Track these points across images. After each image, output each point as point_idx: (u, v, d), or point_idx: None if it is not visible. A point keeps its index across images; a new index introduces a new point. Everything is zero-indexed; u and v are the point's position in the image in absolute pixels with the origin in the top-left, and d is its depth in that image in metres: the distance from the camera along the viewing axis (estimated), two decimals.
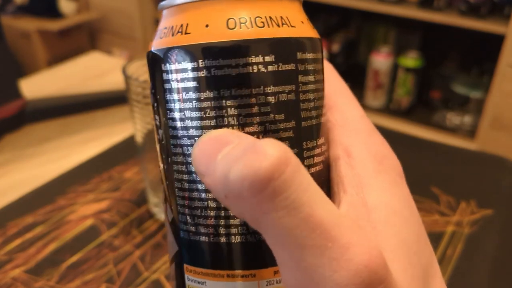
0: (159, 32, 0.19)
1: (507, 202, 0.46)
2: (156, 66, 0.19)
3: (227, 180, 0.14)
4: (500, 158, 0.53)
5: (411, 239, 0.17)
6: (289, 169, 0.14)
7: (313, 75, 0.19)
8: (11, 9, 1.94)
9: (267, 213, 0.14)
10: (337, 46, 1.63)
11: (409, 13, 1.36)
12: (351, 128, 0.20)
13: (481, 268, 0.38)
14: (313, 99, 0.19)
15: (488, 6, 1.27)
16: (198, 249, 0.19)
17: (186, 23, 0.18)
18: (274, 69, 0.17)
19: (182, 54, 0.18)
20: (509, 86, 1.24)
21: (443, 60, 1.55)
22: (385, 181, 0.18)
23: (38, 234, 0.41)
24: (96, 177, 0.49)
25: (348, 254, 0.14)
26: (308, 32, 0.19)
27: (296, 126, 0.18)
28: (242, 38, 0.17)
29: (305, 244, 0.14)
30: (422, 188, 0.47)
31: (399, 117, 1.54)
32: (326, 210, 0.14)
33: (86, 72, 0.77)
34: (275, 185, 0.14)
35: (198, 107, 0.18)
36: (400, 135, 0.58)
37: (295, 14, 0.19)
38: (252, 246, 0.18)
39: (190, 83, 0.18)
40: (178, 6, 0.19)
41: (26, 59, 1.96)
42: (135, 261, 0.38)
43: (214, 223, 0.18)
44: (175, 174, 0.19)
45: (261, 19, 0.17)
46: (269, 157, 0.14)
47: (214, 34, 0.17)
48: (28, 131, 0.59)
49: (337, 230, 0.14)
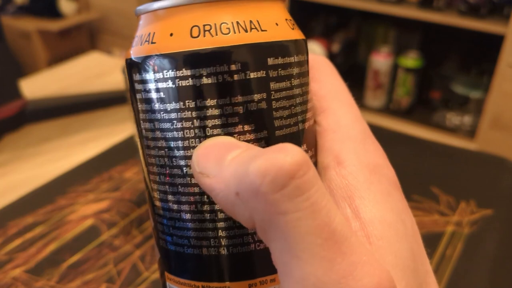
0: (134, 40, 0.19)
1: (507, 202, 0.46)
2: (128, 75, 0.18)
3: (245, 175, 0.14)
4: (500, 158, 0.53)
5: (407, 256, 0.16)
6: (312, 171, 0.14)
7: (289, 81, 0.17)
8: (11, 9, 1.94)
9: (283, 214, 0.13)
10: (337, 46, 1.63)
11: (409, 13, 1.36)
12: (343, 134, 0.19)
13: (481, 268, 0.38)
14: (290, 106, 0.17)
15: (488, 6, 1.27)
16: (176, 259, 0.18)
17: (153, 32, 0.17)
18: (241, 78, 0.16)
19: (146, 65, 0.17)
20: (509, 86, 1.24)
21: (443, 60, 1.55)
22: (377, 193, 0.17)
23: (38, 234, 0.41)
24: (96, 177, 0.49)
25: (356, 273, 0.13)
26: (284, 34, 0.18)
27: (269, 135, 0.17)
28: (206, 47, 0.16)
29: (316, 254, 0.13)
30: (422, 188, 0.47)
31: (399, 117, 1.54)
32: (340, 222, 0.14)
33: (86, 72, 0.77)
34: (298, 182, 0.13)
35: (163, 118, 0.17)
36: (400, 135, 0.58)
37: (269, 16, 0.17)
38: (226, 259, 0.17)
39: (155, 94, 0.17)
40: (149, 13, 0.18)
41: (26, 59, 1.96)
42: (135, 261, 0.38)
43: (188, 234, 0.18)
44: (151, 184, 0.18)
45: (227, 25, 0.16)
46: (293, 156, 0.13)
47: (178, 43, 0.16)
48: (28, 131, 0.59)
49: (348, 245, 0.14)
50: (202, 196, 0.17)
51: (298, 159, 0.13)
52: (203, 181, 0.16)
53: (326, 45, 1.60)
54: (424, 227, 0.41)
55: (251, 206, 0.14)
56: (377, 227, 0.16)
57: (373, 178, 0.18)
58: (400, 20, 1.44)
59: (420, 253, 0.17)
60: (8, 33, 1.09)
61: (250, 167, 0.14)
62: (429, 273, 0.17)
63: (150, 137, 0.18)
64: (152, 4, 0.18)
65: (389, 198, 0.17)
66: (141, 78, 0.18)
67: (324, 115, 0.19)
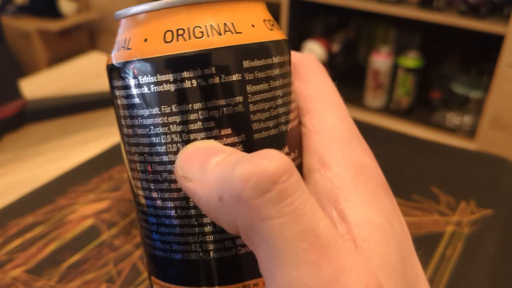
0: (114, 46, 0.18)
1: (507, 202, 0.46)
2: (109, 81, 0.18)
3: (228, 180, 0.14)
4: (500, 158, 0.53)
5: (395, 259, 0.16)
6: (295, 176, 0.14)
7: (268, 83, 0.17)
8: (11, 9, 1.94)
9: (267, 219, 0.13)
10: (337, 46, 1.63)
11: (409, 13, 1.36)
12: (328, 135, 0.18)
13: (481, 268, 0.38)
14: (269, 108, 0.17)
15: (488, 6, 1.27)
16: (161, 264, 0.18)
17: (129, 37, 0.17)
18: (215, 82, 0.16)
19: (122, 71, 0.17)
20: (509, 86, 1.24)
21: (443, 60, 1.55)
22: (364, 194, 0.17)
23: (38, 234, 0.41)
24: (96, 177, 0.49)
25: (343, 278, 0.13)
26: (261, 36, 0.17)
27: (247, 139, 0.17)
28: (179, 52, 0.16)
29: (301, 259, 0.13)
30: (422, 188, 0.47)
31: (399, 117, 1.54)
32: (325, 226, 0.14)
33: (86, 72, 0.77)
34: (281, 188, 0.13)
35: (140, 124, 0.17)
36: (400, 135, 0.58)
37: (245, 17, 0.17)
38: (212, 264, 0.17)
39: (131, 100, 0.17)
40: (126, 19, 0.18)
41: (26, 59, 1.96)
42: (135, 261, 0.38)
43: (174, 239, 0.17)
44: (136, 189, 0.18)
45: (200, 29, 0.16)
46: (276, 161, 0.13)
47: (151, 48, 0.16)
48: (28, 131, 0.59)
49: (334, 249, 0.13)
50: (186, 200, 0.17)
51: (281, 165, 0.13)
52: (186, 185, 0.15)
53: (326, 45, 1.60)
54: (424, 227, 0.41)
55: (234, 211, 0.14)
56: (363, 229, 0.16)
57: (359, 179, 0.17)
58: (400, 20, 1.44)
59: (409, 255, 0.17)
60: (8, 33, 1.09)
61: (234, 172, 0.14)
62: (420, 276, 0.17)
63: (131, 142, 0.18)
64: (129, 10, 0.17)
65: (376, 199, 0.17)
66: (119, 84, 0.17)
67: (309, 116, 0.19)
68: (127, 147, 0.18)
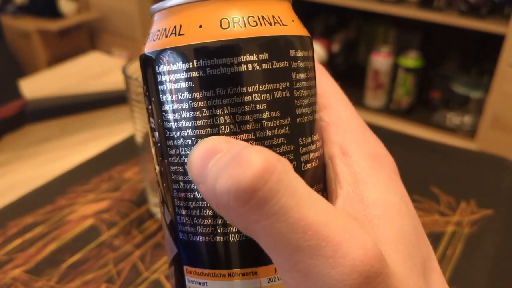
0: (151, 35, 0.19)
1: (507, 202, 0.46)
2: (149, 68, 0.19)
3: (215, 194, 0.15)
4: (500, 158, 0.53)
5: (409, 232, 0.18)
6: (274, 176, 0.14)
7: (305, 73, 0.19)
8: (11, 9, 1.94)
9: (257, 222, 0.14)
10: (337, 46, 1.62)
11: (409, 13, 1.36)
12: (345, 127, 0.20)
13: (481, 268, 0.38)
14: (306, 96, 0.19)
15: (488, 6, 1.27)
16: (198, 250, 0.19)
17: (180, 24, 0.18)
18: (268, 67, 0.18)
19: (176, 55, 0.18)
20: (509, 86, 1.24)
21: (443, 60, 1.55)
22: (380, 178, 0.19)
23: (38, 234, 0.41)
24: (96, 177, 0.49)
25: (342, 250, 0.14)
26: (299, 30, 0.19)
27: (291, 122, 0.18)
28: (236, 37, 0.17)
29: (299, 246, 0.14)
30: (422, 188, 0.47)
31: (399, 117, 1.54)
32: (318, 211, 0.15)
33: (86, 72, 0.77)
34: (259, 195, 0.14)
35: (192, 107, 0.18)
36: (400, 135, 0.58)
37: (286, 13, 0.19)
38: (250, 245, 0.18)
39: (184, 83, 0.18)
40: (171, 8, 0.19)
41: (26, 59, 1.96)
42: (135, 261, 0.38)
43: (212, 223, 0.18)
44: (172, 176, 0.19)
45: (254, 18, 0.18)
46: (252, 167, 0.14)
47: (208, 34, 0.17)
48: (28, 131, 0.59)
49: (329, 229, 0.14)
50: None
51: (256, 170, 0.14)
52: (198, 188, 0.16)
53: (326, 45, 1.60)
54: (424, 227, 0.41)
55: (230, 217, 0.15)
56: (378, 207, 0.18)
57: (375, 165, 0.19)
58: (400, 20, 1.44)
59: (421, 232, 0.19)
60: (8, 33, 1.09)
61: (217, 185, 0.14)
62: (430, 250, 0.18)
63: (174, 128, 0.18)
64: None
65: (391, 182, 0.19)
66: (167, 69, 0.18)
67: (325, 111, 0.21)
68: (167, 133, 0.19)
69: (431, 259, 0.18)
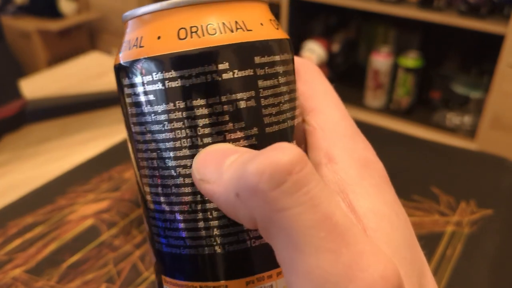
0: (122, 46, 0.19)
1: (507, 202, 0.46)
2: (117, 80, 0.19)
3: (243, 176, 0.14)
4: (500, 158, 0.53)
5: (403, 246, 0.17)
6: (308, 167, 0.14)
7: (276, 78, 0.18)
8: (11, 9, 1.94)
9: (284, 210, 0.14)
10: (337, 46, 1.63)
11: (409, 13, 1.36)
12: (332, 132, 0.19)
13: (481, 268, 0.38)
14: (278, 103, 0.18)
15: (488, 6, 1.27)
16: (172, 261, 0.18)
17: (141, 36, 0.18)
18: (229, 77, 0.17)
19: (135, 68, 0.17)
20: (509, 86, 1.24)
21: (443, 60, 1.55)
22: (370, 186, 0.18)
23: (38, 234, 0.41)
24: (96, 177, 0.49)
25: (362, 263, 0.13)
26: (269, 34, 0.18)
27: (259, 133, 0.17)
28: (193, 48, 0.16)
29: (320, 247, 0.13)
30: (422, 188, 0.47)
31: (399, 117, 1.54)
32: (341, 214, 0.14)
33: (86, 72, 0.77)
34: (296, 178, 0.13)
35: (155, 120, 0.17)
36: (400, 135, 0.58)
37: (254, 16, 0.18)
38: (222, 258, 0.17)
39: (145, 97, 0.17)
40: (136, 19, 0.18)
41: (26, 59, 1.96)
42: (135, 261, 0.38)
43: (183, 235, 0.18)
44: (144, 187, 0.19)
45: (213, 26, 0.17)
46: (289, 153, 0.14)
47: (165, 46, 0.17)
48: (28, 131, 0.59)
49: (351, 236, 0.14)
50: (195, 196, 0.17)
51: (294, 156, 0.14)
52: (204, 187, 0.16)
53: (326, 45, 1.60)
54: (424, 227, 0.41)
55: (251, 205, 0.14)
56: (372, 219, 0.17)
57: (364, 173, 0.18)
58: (400, 20, 1.44)
59: (414, 244, 0.18)
60: (8, 33, 1.09)
61: (248, 167, 0.14)
62: (425, 264, 0.18)
63: (141, 140, 0.18)
64: (139, 9, 0.18)
65: (381, 191, 0.18)
66: (129, 82, 0.18)
67: (312, 115, 0.20)
68: (136, 145, 0.18)
69: (425, 275, 0.17)
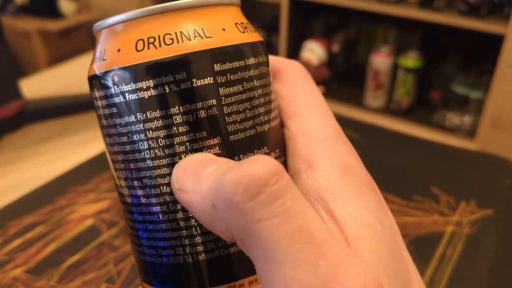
0: (92, 59, 0.19)
1: (507, 202, 0.46)
2: (90, 92, 0.19)
3: (219, 187, 0.14)
4: (500, 158, 0.53)
5: (386, 254, 0.16)
6: (285, 179, 0.14)
7: (241, 84, 0.17)
8: (11, 9, 1.94)
9: (259, 222, 0.13)
10: (337, 46, 1.62)
11: (409, 13, 1.36)
12: (312, 137, 0.18)
13: (481, 268, 0.38)
14: (244, 109, 0.17)
15: (488, 6, 1.27)
16: (151, 270, 0.19)
17: (104, 49, 0.18)
18: (187, 87, 0.16)
19: (100, 81, 0.18)
20: (509, 86, 1.24)
21: (443, 60, 1.55)
22: (351, 193, 0.17)
23: (38, 234, 0.41)
24: (96, 177, 0.49)
25: (340, 276, 0.13)
26: (232, 39, 0.17)
27: (223, 141, 0.17)
28: (150, 59, 0.16)
29: (296, 258, 0.13)
30: (422, 188, 0.47)
31: (399, 117, 1.54)
32: (318, 225, 0.14)
33: (86, 72, 0.77)
34: (271, 190, 0.13)
35: (118, 132, 0.17)
36: (400, 135, 0.58)
37: (215, 22, 0.17)
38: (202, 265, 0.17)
39: (107, 109, 0.18)
40: (102, 31, 0.18)
41: (26, 59, 1.96)
42: (135, 261, 0.38)
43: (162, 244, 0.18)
44: (124, 197, 0.19)
45: (171, 35, 0.17)
46: (265, 165, 0.14)
47: (124, 58, 0.17)
48: (28, 131, 0.59)
49: (328, 247, 0.13)
50: (174, 205, 0.17)
51: (270, 168, 0.14)
52: (181, 197, 0.16)
53: (326, 45, 1.60)
54: (424, 227, 0.41)
55: (227, 217, 0.14)
56: (353, 227, 0.16)
57: (345, 178, 0.17)
58: (400, 20, 1.44)
59: (399, 251, 0.17)
60: (8, 33, 1.09)
61: (224, 178, 0.14)
62: (411, 271, 0.17)
63: (114, 151, 0.18)
64: (104, 22, 0.18)
65: (364, 197, 0.17)
66: (98, 94, 0.18)
67: (293, 119, 0.19)
68: (111, 156, 0.19)
69: (411, 282, 0.17)
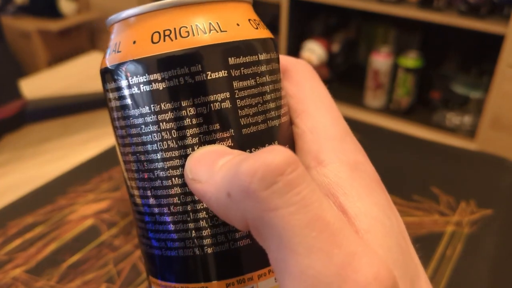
0: (106, 51, 0.19)
1: (507, 202, 0.46)
2: (102, 84, 0.19)
3: (235, 176, 0.14)
4: (500, 158, 0.53)
5: (395, 249, 0.16)
6: (300, 169, 0.14)
7: (254, 79, 0.18)
8: (11, 9, 1.94)
9: (276, 210, 0.14)
10: (337, 46, 1.62)
11: (409, 13, 1.36)
12: (321, 134, 0.19)
13: (481, 268, 0.38)
14: (256, 104, 0.18)
15: (488, 6, 1.27)
16: (159, 263, 0.19)
17: (119, 41, 0.18)
18: (202, 79, 0.17)
19: (115, 73, 0.18)
20: (509, 86, 1.24)
21: (443, 60, 1.55)
22: (360, 188, 0.17)
23: (38, 234, 0.41)
24: (96, 177, 0.49)
25: (355, 264, 0.13)
26: (246, 34, 0.18)
27: (235, 134, 0.17)
28: (166, 51, 0.17)
29: (312, 246, 0.13)
30: (422, 188, 0.47)
31: (399, 117, 1.54)
32: (333, 214, 0.14)
33: (86, 72, 0.77)
34: (287, 179, 0.14)
35: (131, 124, 0.18)
36: (400, 135, 0.58)
37: (230, 17, 0.18)
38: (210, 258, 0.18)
39: (120, 101, 0.18)
40: (116, 24, 0.19)
41: (26, 59, 1.96)
42: (135, 261, 0.38)
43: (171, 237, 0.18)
44: (133, 189, 0.19)
45: (186, 28, 0.17)
46: (282, 155, 0.14)
47: (140, 50, 0.17)
48: (28, 131, 0.59)
49: (343, 236, 0.14)
50: (184, 197, 0.17)
51: (286, 158, 0.14)
52: (195, 187, 0.16)
53: (326, 45, 1.60)
54: (424, 227, 0.41)
55: (243, 206, 0.14)
56: (364, 221, 0.16)
57: (354, 175, 0.18)
58: (400, 20, 1.44)
59: (407, 247, 0.17)
60: (8, 33, 1.09)
61: (240, 167, 0.14)
62: (419, 267, 0.17)
63: (126, 143, 0.18)
64: (119, 15, 0.18)
65: (373, 193, 0.18)
66: (111, 86, 0.18)
67: (301, 117, 0.19)
68: (122, 148, 0.19)
69: (419, 277, 0.17)
